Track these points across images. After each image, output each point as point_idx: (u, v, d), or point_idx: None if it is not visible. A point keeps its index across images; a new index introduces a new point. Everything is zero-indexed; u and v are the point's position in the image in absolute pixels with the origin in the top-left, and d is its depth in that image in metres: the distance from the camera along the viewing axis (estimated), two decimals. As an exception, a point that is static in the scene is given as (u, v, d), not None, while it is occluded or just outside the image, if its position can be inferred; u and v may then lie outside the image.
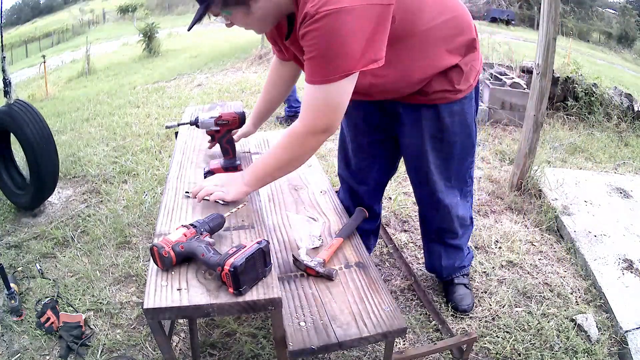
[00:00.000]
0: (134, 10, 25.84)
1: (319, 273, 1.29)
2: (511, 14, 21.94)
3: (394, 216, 2.47)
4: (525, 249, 2.20)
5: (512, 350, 1.62)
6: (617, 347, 1.66)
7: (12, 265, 2.08)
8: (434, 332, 1.70)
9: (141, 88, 5.76)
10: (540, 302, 1.86)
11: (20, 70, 11.64)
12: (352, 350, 1.60)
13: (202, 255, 1.02)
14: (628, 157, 3.43)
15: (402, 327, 1.15)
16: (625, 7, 24.06)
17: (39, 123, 2.40)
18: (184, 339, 1.67)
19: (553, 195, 2.61)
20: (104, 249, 2.18)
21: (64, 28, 28.03)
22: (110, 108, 4.71)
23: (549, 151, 3.37)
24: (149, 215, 2.47)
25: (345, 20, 1.01)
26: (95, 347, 1.64)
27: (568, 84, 4.18)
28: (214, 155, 1.58)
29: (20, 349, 1.64)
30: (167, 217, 1.25)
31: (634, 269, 2.02)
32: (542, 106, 2.52)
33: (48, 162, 2.42)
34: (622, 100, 4.21)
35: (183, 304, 0.96)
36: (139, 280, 1.97)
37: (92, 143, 3.54)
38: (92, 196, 2.73)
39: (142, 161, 3.13)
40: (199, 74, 6.42)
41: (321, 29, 1.01)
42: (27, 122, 2.35)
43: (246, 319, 1.74)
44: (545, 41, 2.38)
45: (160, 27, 10.97)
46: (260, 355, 1.59)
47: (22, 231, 2.37)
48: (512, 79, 4.21)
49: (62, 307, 1.81)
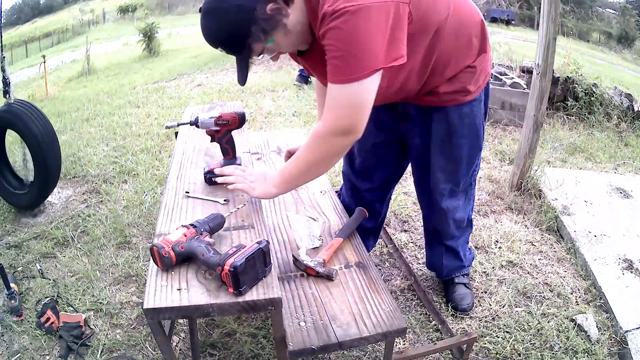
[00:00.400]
0: (134, 10, 25.83)
1: (319, 273, 1.29)
2: (511, 14, 21.95)
3: (394, 216, 2.47)
4: (525, 249, 2.20)
5: (512, 350, 1.62)
6: (617, 347, 1.66)
7: (12, 265, 2.08)
8: (434, 332, 1.70)
9: (141, 88, 5.75)
10: (540, 302, 1.86)
11: (20, 70, 11.62)
12: (352, 350, 1.60)
13: (202, 255, 1.02)
14: (628, 157, 3.43)
15: (402, 327, 1.15)
16: (625, 7, 24.05)
17: (44, 120, 2.43)
18: (184, 339, 1.67)
19: (553, 195, 2.61)
20: (104, 249, 2.18)
21: (64, 28, 28.02)
22: (110, 108, 4.70)
23: (549, 151, 3.37)
24: (149, 215, 2.47)
25: (364, 17, 1.01)
26: (95, 347, 1.64)
27: (568, 84, 4.17)
28: (214, 155, 1.58)
29: (20, 349, 1.64)
30: (167, 217, 1.25)
31: (634, 269, 2.02)
32: (542, 106, 2.52)
33: (54, 158, 2.45)
34: (622, 100, 4.20)
35: (183, 304, 0.96)
36: (139, 280, 1.97)
37: (92, 143, 3.54)
38: (92, 196, 2.73)
39: (142, 161, 3.13)
40: (199, 74, 6.42)
41: (341, 25, 1.02)
42: (32, 118, 2.38)
43: (246, 319, 1.73)
44: (545, 41, 2.38)
45: (160, 27, 10.95)
46: (260, 355, 1.59)
47: (22, 231, 2.37)
48: (512, 79, 4.20)
49: (62, 307, 1.81)
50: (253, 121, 3.96)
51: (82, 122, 4.24)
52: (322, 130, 1.16)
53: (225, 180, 1.28)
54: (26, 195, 2.50)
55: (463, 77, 1.32)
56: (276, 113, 4.11)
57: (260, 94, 4.76)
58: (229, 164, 1.44)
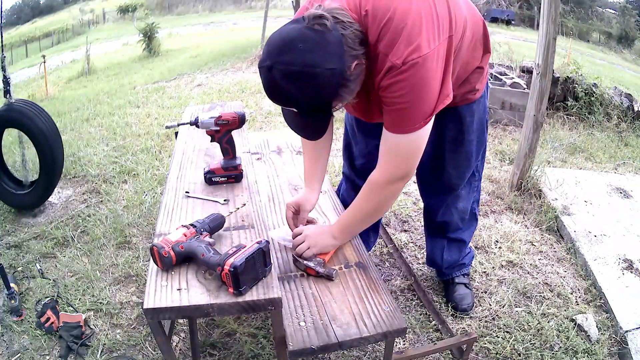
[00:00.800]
0: (134, 10, 25.80)
1: (319, 273, 1.29)
2: (511, 14, 21.95)
3: (394, 216, 2.47)
4: (525, 249, 2.20)
5: (512, 350, 1.62)
6: (617, 347, 1.66)
7: (12, 265, 2.08)
8: (434, 332, 1.70)
9: (141, 88, 5.76)
10: (540, 302, 1.86)
11: (20, 70, 11.62)
12: (352, 350, 1.60)
13: (202, 255, 1.02)
14: (628, 157, 3.43)
15: (402, 327, 1.15)
16: (625, 7, 24.04)
17: (48, 117, 2.48)
18: (184, 339, 1.67)
19: (553, 195, 2.61)
20: (104, 249, 2.18)
21: (64, 28, 27.99)
22: (110, 108, 4.70)
23: (549, 151, 3.37)
24: (149, 215, 2.47)
25: (429, 67, 1.02)
26: (95, 347, 1.64)
27: (568, 84, 4.17)
28: (214, 155, 1.58)
29: (20, 349, 1.64)
30: (167, 217, 1.26)
31: (634, 269, 2.02)
32: (542, 106, 2.52)
33: (60, 154, 2.49)
34: (622, 100, 4.20)
35: (183, 304, 0.96)
36: (139, 280, 1.97)
37: (92, 143, 3.54)
38: (92, 196, 2.73)
39: (142, 161, 3.13)
40: (199, 74, 6.42)
41: (409, 78, 1.01)
42: (38, 115, 2.41)
43: (246, 319, 1.73)
44: (545, 41, 2.38)
45: (160, 27, 10.95)
46: (260, 355, 1.59)
47: (22, 231, 2.37)
48: (512, 79, 4.20)
49: (62, 307, 1.81)
50: (253, 121, 3.96)
51: (82, 122, 4.24)
52: (382, 179, 1.18)
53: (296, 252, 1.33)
54: (29, 195, 2.51)
55: (472, 78, 1.36)
56: (276, 113, 4.11)
57: (260, 93, 4.76)
58: (229, 164, 1.45)
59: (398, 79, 1.02)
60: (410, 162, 1.16)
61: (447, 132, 1.46)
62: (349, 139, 1.72)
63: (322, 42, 0.95)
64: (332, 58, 0.96)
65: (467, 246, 1.82)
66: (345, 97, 1.05)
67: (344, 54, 0.98)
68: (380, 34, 1.03)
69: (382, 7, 1.03)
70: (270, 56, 0.96)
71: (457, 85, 1.32)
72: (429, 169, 1.59)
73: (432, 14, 1.03)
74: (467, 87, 1.36)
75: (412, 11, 1.01)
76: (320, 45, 0.95)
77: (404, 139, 1.11)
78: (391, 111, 1.09)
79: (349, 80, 1.01)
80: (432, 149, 1.50)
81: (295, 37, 0.96)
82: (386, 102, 1.08)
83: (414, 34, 1.00)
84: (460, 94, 1.35)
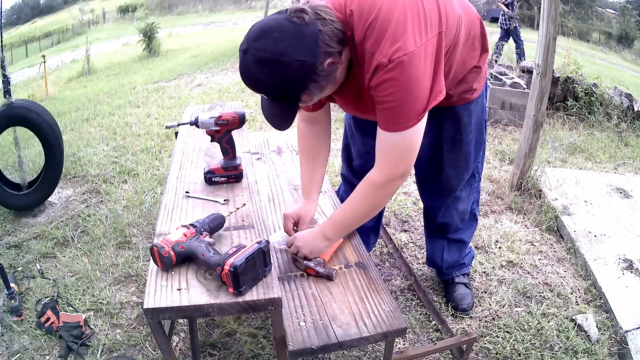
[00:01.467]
0: (134, 10, 25.78)
1: (319, 273, 1.29)
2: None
3: (394, 216, 2.47)
4: (525, 249, 2.20)
5: (512, 350, 1.62)
6: (617, 347, 1.66)
7: (12, 265, 2.08)
8: (434, 332, 1.70)
9: (141, 88, 5.76)
10: (540, 302, 1.86)
11: (20, 70, 11.61)
12: (352, 350, 1.60)
13: (202, 255, 1.02)
14: (628, 157, 3.43)
15: (402, 327, 1.15)
16: (625, 7, 24.01)
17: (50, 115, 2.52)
18: (184, 339, 1.67)
19: (553, 195, 2.61)
20: (104, 249, 2.18)
21: (64, 28, 27.98)
22: (110, 108, 4.70)
23: (549, 151, 3.37)
24: (149, 215, 2.47)
25: (416, 65, 1.01)
26: (95, 347, 1.64)
27: (568, 84, 4.17)
28: (214, 155, 1.58)
29: (20, 349, 1.64)
30: (167, 217, 1.26)
31: (634, 269, 2.02)
32: (542, 106, 2.52)
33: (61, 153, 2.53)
34: (622, 100, 4.20)
35: (183, 304, 0.96)
36: (139, 280, 1.97)
37: (92, 143, 3.54)
38: (92, 196, 2.73)
39: (142, 161, 3.13)
40: (199, 74, 6.42)
41: (397, 76, 1.01)
42: (41, 110, 2.46)
43: (246, 319, 1.73)
44: (545, 41, 2.38)
45: (160, 27, 10.95)
46: (260, 355, 1.59)
47: (22, 231, 2.37)
48: (512, 79, 4.21)
49: (62, 307, 1.81)
50: (253, 121, 3.96)
51: (82, 122, 4.24)
52: (380, 178, 1.18)
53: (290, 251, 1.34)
54: (32, 194, 2.51)
55: (470, 78, 1.35)
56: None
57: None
58: (229, 164, 1.45)
59: (385, 77, 1.02)
60: (406, 160, 1.16)
61: (444, 132, 1.46)
62: (348, 140, 1.72)
63: (297, 33, 0.98)
64: (304, 51, 0.98)
65: (467, 246, 1.82)
66: (315, 93, 1.06)
67: (318, 49, 0.99)
68: (367, 33, 1.03)
69: (368, 6, 1.04)
70: (248, 41, 1.00)
71: (454, 84, 1.32)
72: (428, 169, 1.59)
73: (419, 11, 1.03)
74: (465, 87, 1.36)
75: (397, 9, 1.01)
76: (295, 36, 0.97)
77: (398, 137, 1.10)
78: (383, 110, 1.09)
79: (319, 76, 1.02)
80: (431, 149, 1.50)
81: (272, 26, 0.99)
82: (377, 100, 1.09)
83: (399, 32, 1.00)
84: (457, 94, 1.35)
